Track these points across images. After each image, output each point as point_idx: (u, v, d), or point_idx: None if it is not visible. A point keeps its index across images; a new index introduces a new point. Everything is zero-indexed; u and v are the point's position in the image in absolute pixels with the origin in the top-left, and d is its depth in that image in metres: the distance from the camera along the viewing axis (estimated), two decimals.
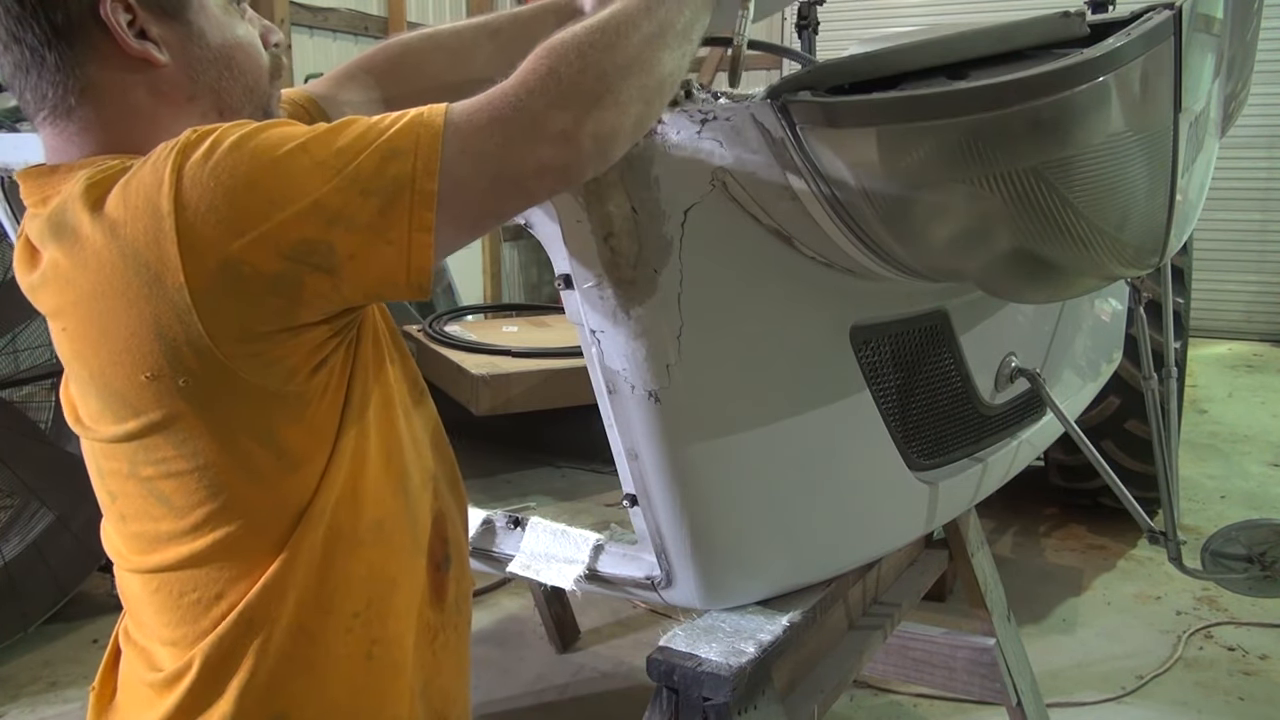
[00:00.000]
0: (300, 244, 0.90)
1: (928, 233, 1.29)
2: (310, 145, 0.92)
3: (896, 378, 1.70)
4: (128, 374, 0.95)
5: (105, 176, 0.94)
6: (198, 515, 1.00)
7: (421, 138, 0.93)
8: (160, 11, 1.01)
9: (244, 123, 0.94)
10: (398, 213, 0.92)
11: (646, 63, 1.01)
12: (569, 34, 0.99)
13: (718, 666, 1.38)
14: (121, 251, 0.91)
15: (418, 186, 0.92)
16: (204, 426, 0.96)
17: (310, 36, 7.58)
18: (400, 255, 0.93)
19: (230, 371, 0.93)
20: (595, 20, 1.00)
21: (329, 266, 0.92)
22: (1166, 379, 2.10)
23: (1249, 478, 5.06)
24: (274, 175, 0.90)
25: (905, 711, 3.01)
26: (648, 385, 1.38)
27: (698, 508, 1.46)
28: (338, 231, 0.91)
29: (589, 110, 0.96)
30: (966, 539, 2.33)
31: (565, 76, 0.96)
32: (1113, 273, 1.41)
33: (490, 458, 2.24)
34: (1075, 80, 1.13)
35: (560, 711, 3.12)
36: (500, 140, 0.94)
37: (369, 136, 0.93)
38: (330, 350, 1.00)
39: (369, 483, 1.07)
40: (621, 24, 1.00)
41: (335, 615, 1.05)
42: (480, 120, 0.95)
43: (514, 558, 1.66)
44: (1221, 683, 3.16)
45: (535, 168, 0.96)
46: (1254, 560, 1.99)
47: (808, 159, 1.24)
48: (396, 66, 1.40)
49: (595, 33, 0.99)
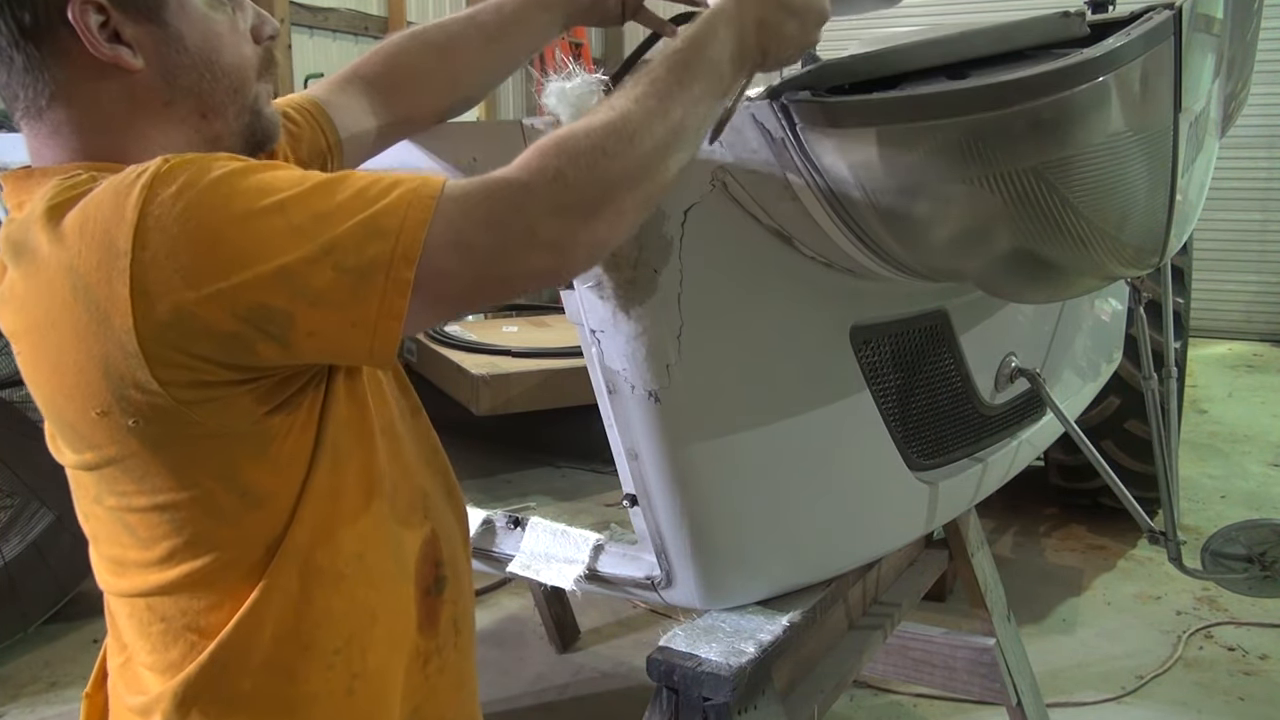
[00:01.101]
0: (258, 308, 0.84)
1: (928, 232, 1.29)
2: (289, 205, 0.85)
3: (896, 378, 1.70)
4: (78, 408, 0.90)
5: (68, 197, 0.88)
6: (163, 548, 0.96)
7: (408, 220, 0.87)
8: (134, 12, 0.94)
9: (225, 159, 0.88)
10: (369, 296, 0.86)
11: (656, 170, 0.97)
12: (582, 131, 0.93)
13: (718, 666, 1.38)
14: (73, 284, 0.85)
15: (394, 273, 0.86)
16: (160, 465, 0.92)
17: (310, 36, 7.58)
18: (364, 338, 0.87)
19: (182, 415, 0.88)
20: (612, 119, 0.95)
21: (284, 339, 0.86)
22: (1166, 379, 2.09)
23: (1249, 478, 5.06)
24: (244, 231, 0.84)
25: (905, 711, 3.01)
26: (648, 385, 1.38)
27: (698, 508, 1.46)
28: (300, 304, 0.85)
29: (588, 221, 0.92)
30: (966, 539, 2.33)
31: (572, 182, 0.90)
32: (1113, 273, 1.41)
33: (490, 458, 2.24)
34: (1075, 80, 1.13)
35: (560, 711, 3.12)
36: (491, 241, 0.89)
37: (354, 206, 0.86)
38: (295, 389, 0.95)
39: (347, 517, 1.02)
40: (638, 128, 0.95)
41: (315, 652, 1.01)
42: (475, 215, 0.89)
43: (514, 558, 1.66)
44: (1221, 683, 3.16)
45: (522, 272, 0.91)
46: (1254, 560, 1.99)
47: (808, 159, 1.24)
48: (390, 71, 1.34)
49: (610, 135, 0.93)
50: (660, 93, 0.98)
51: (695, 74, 1.01)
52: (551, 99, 1.22)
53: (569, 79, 1.21)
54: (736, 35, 1.04)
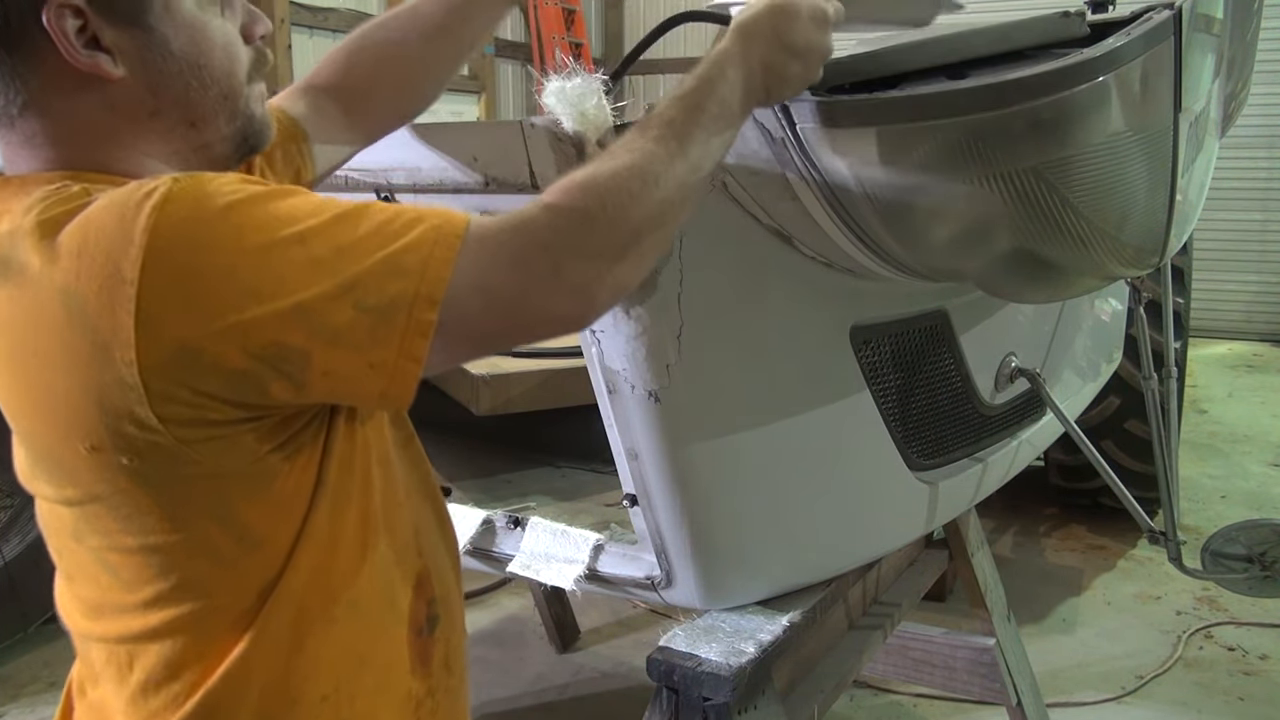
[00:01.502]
0: (272, 346, 0.79)
1: (928, 232, 1.29)
2: (309, 237, 0.80)
3: (896, 378, 1.70)
4: (65, 441, 0.84)
5: (61, 211, 0.82)
6: (148, 592, 0.90)
7: (433, 258, 0.82)
8: (114, 16, 0.87)
9: (241, 182, 0.83)
10: (389, 337, 0.82)
11: (675, 211, 0.95)
12: (608, 173, 0.90)
13: (718, 666, 1.38)
14: (69, 308, 0.79)
15: (416, 314, 0.82)
16: (152, 504, 0.86)
17: (310, 36, 7.58)
18: (380, 380, 0.83)
19: (181, 454, 0.83)
20: (635, 161, 0.92)
21: (298, 379, 0.81)
22: (1166, 379, 2.10)
23: (1249, 478, 5.06)
24: (261, 263, 0.79)
25: (905, 711, 3.01)
26: (648, 385, 1.38)
27: (698, 508, 1.46)
28: (318, 343, 0.80)
29: (613, 265, 0.89)
30: (966, 539, 2.33)
31: (600, 225, 0.88)
32: (1113, 273, 1.41)
33: (490, 458, 2.24)
34: (1075, 80, 1.13)
35: (560, 711, 3.12)
36: (516, 283, 0.85)
37: (376, 241, 0.82)
38: (298, 427, 0.90)
39: (343, 560, 0.97)
40: (661, 170, 0.93)
41: (303, 704, 0.95)
42: (501, 255, 0.85)
43: (514, 558, 1.66)
44: (1221, 683, 3.16)
45: (546, 317, 0.89)
46: (1254, 560, 1.99)
47: (808, 159, 1.24)
48: (348, 80, 1.27)
49: (634, 177, 0.91)
50: (678, 134, 0.97)
51: (708, 115, 1.00)
52: (551, 99, 1.22)
53: (569, 79, 1.21)
54: (744, 76, 1.04)
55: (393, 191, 1.43)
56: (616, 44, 10.70)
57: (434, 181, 1.37)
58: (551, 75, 1.23)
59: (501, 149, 1.29)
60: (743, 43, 1.05)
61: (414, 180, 1.39)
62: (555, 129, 1.23)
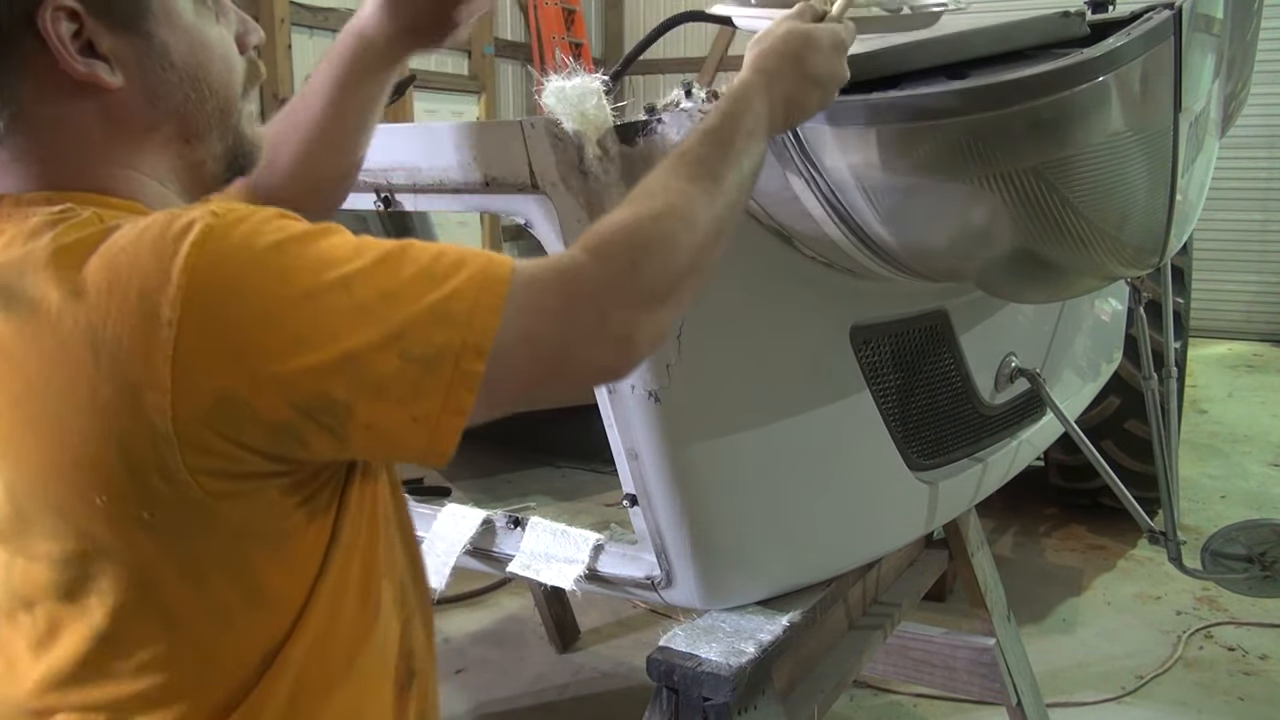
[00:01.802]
0: (316, 398, 0.75)
1: (928, 233, 1.29)
2: (355, 280, 0.76)
3: (896, 378, 1.70)
4: (75, 491, 0.77)
5: (80, 239, 0.77)
6: (145, 655, 0.83)
7: (480, 305, 0.79)
8: (113, 21, 0.82)
9: (280, 218, 0.79)
10: (434, 389, 0.78)
11: (714, 252, 0.93)
12: (649, 217, 0.88)
13: (718, 666, 1.38)
14: (96, 350, 0.73)
15: (464, 365, 0.78)
16: (167, 559, 0.81)
17: (310, 36, 7.58)
18: (423, 435, 0.80)
19: (207, 507, 0.78)
20: (674, 204, 0.90)
21: (340, 431, 0.78)
22: (1166, 379, 2.10)
23: (1249, 478, 5.06)
24: (306, 310, 0.75)
25: (905, 711, 3.01)
26: (648, 385, 1.37)
27: (698, 508, 1.46)
28: (362, 396, 0.76)
29: (655, 312, 0.87)
30: (966, 539, 2.33)
31: (644, 273, 0.85)
32: (1113, 273, 1.41)
33: (490, 458, 2.24)
34: (1075, 80, 1.13)
35: (560, 711, 3.12)
36: (561, 333, 0.82)
37: (421, 286, 0.78)
38: (321, 482, 0.86)
39: (346, 619, 0.92)
40: (699, 212, 0.91)
41: None
42: (547, 304, 0.82)
43: (514, 558, 1.65)
44: (1221, 683, 3.16)
45: (591, 368, 0.87)
46: (1254, 560, 1.99)
47: (808, 159, 1.24)
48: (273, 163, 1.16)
49: (676, 221, 0.89)
50: (711, 173, 0.95)
51: (737, 150, 0.98)
52: (551, 99, 1.22)
53: (569, 79, 1.21)
54: (768, 108, 1.03)
55: (393, 191, 1.43)
56: (616, 44, 10.70)
57: (434, 181, 1.37)
58: (551, 75, 1.23)
59: (501, 149, 1.29)
60: (766, 74, 1.04)
61: (414, 180, 1.39)
62: (555, 129, 1.23)
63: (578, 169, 1.26)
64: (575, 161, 1.25)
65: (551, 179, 1.27)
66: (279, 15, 7.10)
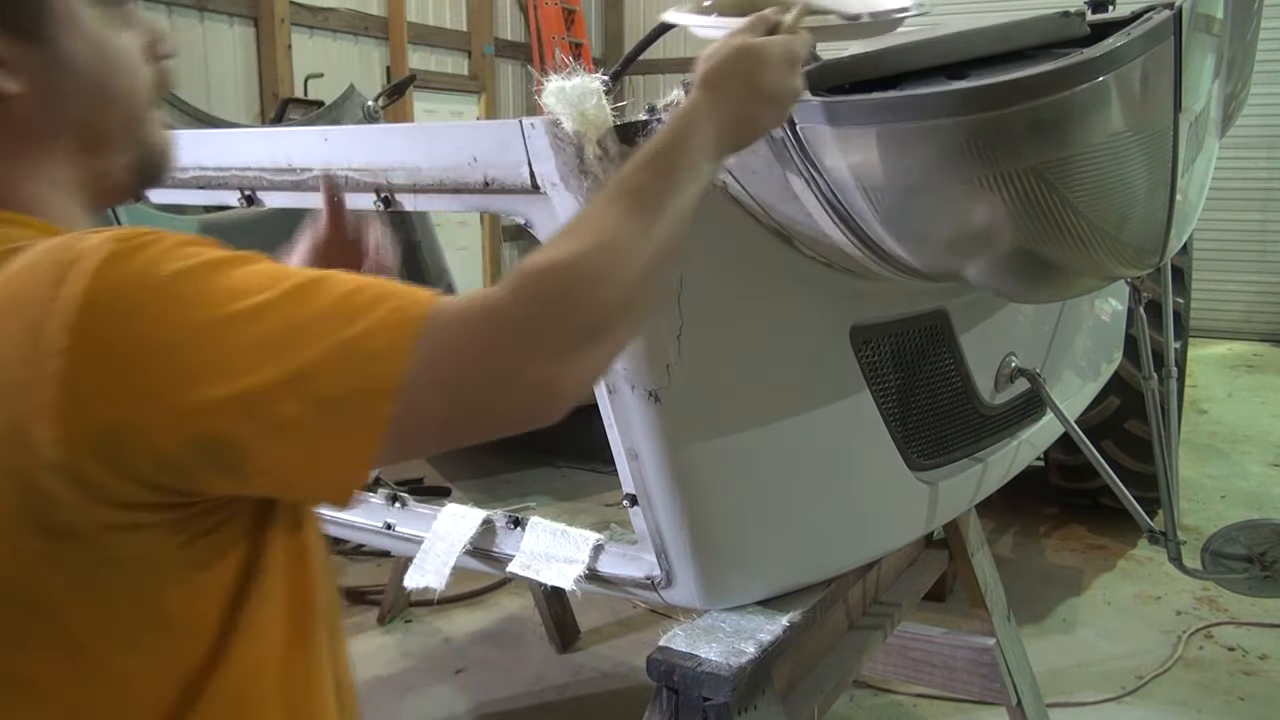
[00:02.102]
0: (212, 435, 0.71)
1: (928, 233, 1.29)
2: (263, 313, 0.72)
3: (896, 378, 1.70)
4: None
5: None
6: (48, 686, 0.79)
7: (391, 347, 0.74)
8: (10, 28, 0.79)
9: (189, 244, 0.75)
10: (337, 431, 0.74)
11: (649, 288, 0.88)
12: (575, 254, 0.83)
13: (718, 666, 1.38)
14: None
15: (370, 408, 0.74)
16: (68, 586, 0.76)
17: (310, 36, 7.58)
18: (324, 476, 0.76)
19: (103, 537, 0.74)
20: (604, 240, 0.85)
21: (236, 470, 0.73)
22: (1166, 379, 2.10)
23: (1249, 478, 5.06)
24: (207, 342, 0.71)
25: (905, 711, 3.01)
26: (648, 385, 1.37)
27: (698, 508, 1.46)
28: (261, 436, 0.72)
29: (582, 355, 0.82)
30: (966, 539, 2.33)
31: (567, 314, 0.81)
32: (1113, 273, 1.41)
33: (490, 458, 2.24)
34: (1075, 80, 1.13)
35: (560, 711, 3.12)
36: (476, 379, 0.78)
37: (332, 321, 0.74)
38: (234, 512, 0.81)
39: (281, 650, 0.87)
40: (632, 246, 0.86)
41: None
42: (463, 347, 0.77)
43: (514, 558, 1.66)
44: (1221, 683, 3.16)
45: (506, 416, 0.81)
46: (1254, 560, 1.99)
47: (808, 159, 1.24)
48: None
49: (605, 257, 0.84)
50: (648, 205, 0.90)
51: (680, 178, 0.93)
52: (551, 99, 1.22)
53: (569, 79, 1.21)
54: (715, 131, 0.98)
55: (393, 191, 1.43)
56: (616, 44, 10.70)
57: (434, 181, 1.37)
58: (551, 75, 1.23)
59: (501, 149, 1.29)
60: (713, 94, 1.00)
61: (414, 180, 1.39)
62: (555, 129, 1.23)
63: (578, 169, 1.26)
64: (575, 161, 1.25)
65: (551, 179, 1.27)
66: (279, 15, 7.10)
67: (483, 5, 9.38)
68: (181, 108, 4.14)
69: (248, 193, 1.57)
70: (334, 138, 1.46)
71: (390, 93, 3.99)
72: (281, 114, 4.81)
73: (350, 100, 3.85)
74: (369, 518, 1.84)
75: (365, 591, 3.88)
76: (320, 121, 3.88)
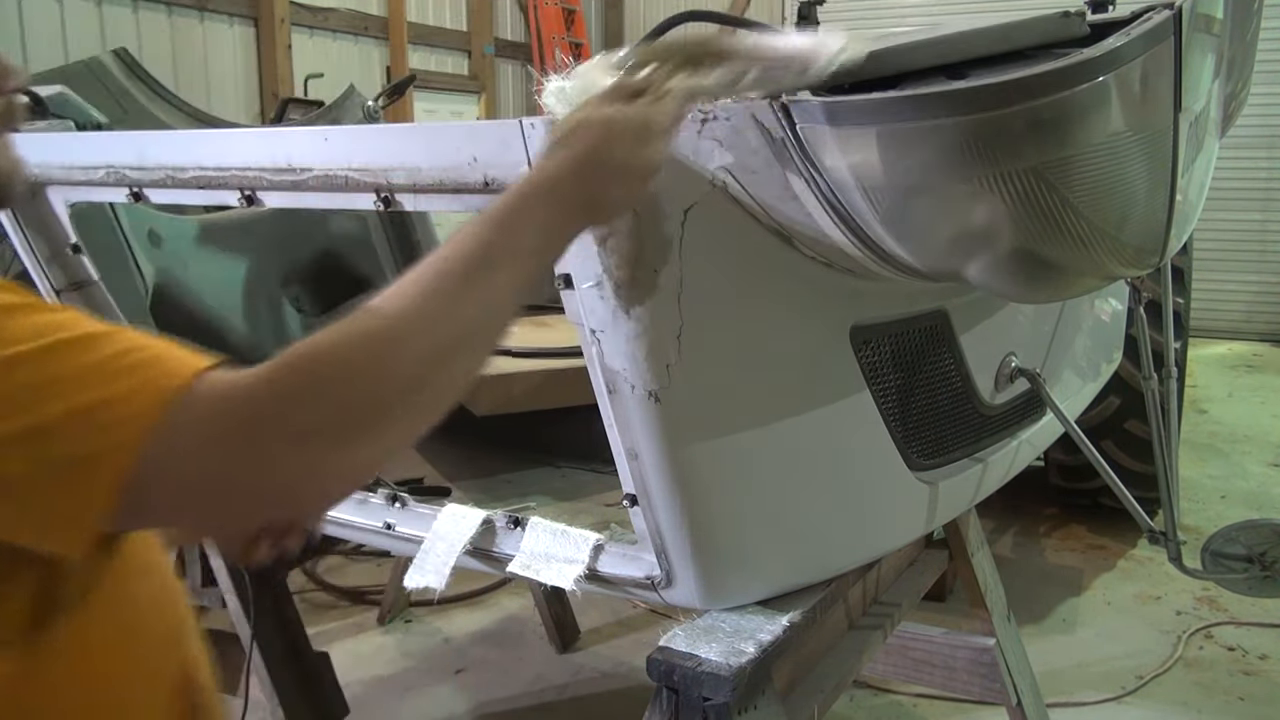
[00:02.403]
0: None
1: (928, 233, 1.29)
2: (19, 364, 0.71)
3: (896, 378, 1.70)
4: None
5: None
6: None
7: (136, 418, 0.71)
8: None
9: None
10: (62, 498, 0.71)
11: (433, 382, 0.81)
12: (343, 340, 0.78)
13: (718, 666, 1.38)
14: None
15: (100, 473, 0.71)
16: None
17: (310, 36, 7.58)
18: (46, 536, 0.73)
19: None
20: (380, 327, 0.79)
21: None
22: (1166, 379, 2.10)
23: (1249, 478, 5.06)
24: None
25: (905, 711, 3.01)
26: (648, 385, 1.37)
27: (698, 508, 1.46)
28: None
29: (340, 449, 0.76)
30: (966, 539, 2.33)
31: (321, 405, 0.75)
32: (1113, 273, 1.41)
33: (490, 458, 2.24)
34: (1075, 80, 1.13)
35: (560, 711, 3.12)
36: (219, 464, 0.73)
37: (87, 382, 0.72)
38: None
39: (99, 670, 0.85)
40: (413, 334, 0.79)
41: None
42: (209, 430, 0.73)
43: (514, 558, 1.65)
44: (1221, 683, 3.16)
45: (259, 504, 0.77)
46: (1254, 560, 1.99)
47: (808, 159, 1.24)
48: None
49: (377, 343, 0.78)
50: (449, 290, 0.83)
51: (497, 265, 0.86)
52: (551, 99, 1.22)
53: (569, 79, 1.21)
54: (550, 210, 0.92)
55: (392, 191, 1.43)
56: (616, 44, 10.69)
57: (434, 181, 1.37)
58: (551, 75, 1.23)
59: (501, 149, 1.29)
60: (550, 170, 0.94)
61: (414, 180, 1.39)
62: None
63: None
64: None
65: None
66: (279, 15, 7.11)
67: (483, 5, 9.38)
68: (181, 108, 4.14)
69: (248, 193, 1.57)
70: (334, 138, 1.46)
71: (390, 93, 3.99)
72: (281, 114, 4.81)
73: (350, 100, 3.85)
74: (369, 518, 1.84)
75: (365, 591, 3.88)
76: (320, 121, 3.88)
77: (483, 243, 0.87)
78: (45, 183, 1.76)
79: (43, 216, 1.82)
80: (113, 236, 2.07)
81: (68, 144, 1.76)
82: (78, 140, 1.87)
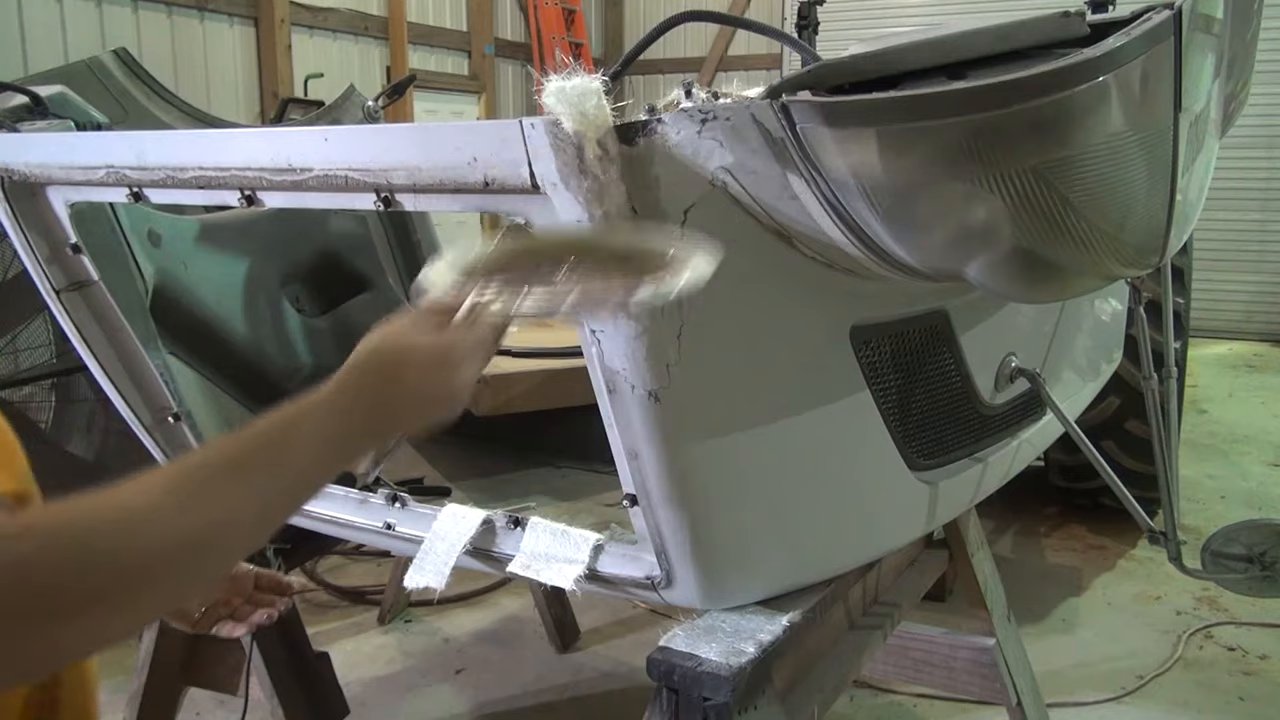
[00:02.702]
0: None
1: (928, 233, 1.29)
2: None
3: (896, 378, 1.70)
4: None
5: None
6: None
7: None
8: None
9: None
10: None
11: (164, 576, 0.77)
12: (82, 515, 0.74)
13: (718, 666, 1.38)
14: None
15: None
16: None
17: (310, 36, 7.58)
18: None
19: None
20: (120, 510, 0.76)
21: None
22: (1166, 379, 2.10)
23: (1249, 478, 5.06)
24: None
25: (905, 711, 3.01)
26: (648, 385, 1.37)
27: (698, 508, 1.46)
28: None
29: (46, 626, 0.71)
30: (966, 539, 2.33)
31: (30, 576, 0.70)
32: (1113, 273, 1.41)
33: (490, 458, 2.24)
34: (1075, 80, 1.13)
35: (560, 711, 3.12)
36: None
37: None
38: None
39: None
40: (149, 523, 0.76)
41: None
42: None
43: (514, 558, 1.65)
44: (1221, 683, 3.16)
45: None
46: (1254, 560, 1.99)
47: (808, 159, 1.24)
48: None
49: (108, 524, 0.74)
50: (202, 483, 0.81)
51: (260, 469, 0.84)
52: (551, 99, 1.22)
53: (569, 79, 1.21)
54: (333, 428, 0.89)
55: (392, 191, 1.43)
56: (616, 44, 10.70)
57: (434, 181, 1.37)
58: (551, 75, 1.23)
59: (501, 149, 1.29)
60: (340, 388, 0.91)
61: (414, 180, 1.39)
62: (555, 129, 1.23)
63: (578, 169, 1.25)
64: (575, 161, 1.25)
65: (552, 179, 1.27)
66: (279, 15, 7.10)
67: (483, 5, 9.38)
68: (181, 108, 4.14)
69: (248, 193, 1.57)
70: (334, 138, 1.46)
71: (390, 93, 3.99)
72: (281, 114, 4.81)
73: (350, 100, 3.85)
74: (369, 518, 1.84)
75: (365, 591, 3.88)
76: (320, 121, 3.88)
77: (251, 446, 0.85)
78: (45, 183, 1.76)
79: (43, 216, 1.83)
80: (112, 236, 2.07)
81: (68, 144, 1.76)
82: (78, 140, 1.87)
